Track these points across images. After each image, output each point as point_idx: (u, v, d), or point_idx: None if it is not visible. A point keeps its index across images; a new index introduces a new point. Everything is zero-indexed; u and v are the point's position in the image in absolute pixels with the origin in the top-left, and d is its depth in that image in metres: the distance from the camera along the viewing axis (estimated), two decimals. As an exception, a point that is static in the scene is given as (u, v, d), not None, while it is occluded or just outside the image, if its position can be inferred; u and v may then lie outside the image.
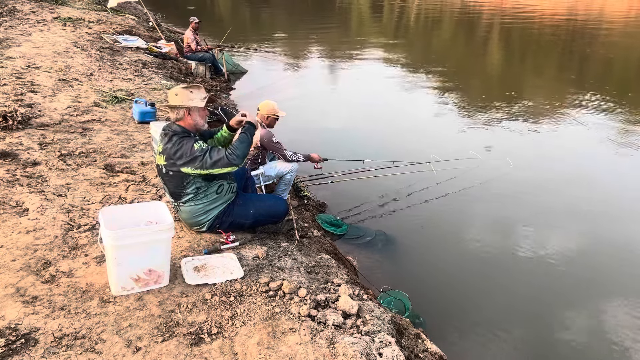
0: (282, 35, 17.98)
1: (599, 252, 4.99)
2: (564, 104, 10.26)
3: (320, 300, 2.78)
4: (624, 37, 20.34)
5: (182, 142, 3.12)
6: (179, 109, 3.19)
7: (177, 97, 3.18)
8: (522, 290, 4.38)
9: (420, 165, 6.20)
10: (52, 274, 2.80)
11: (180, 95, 3.18)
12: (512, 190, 6.16)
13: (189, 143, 3.11)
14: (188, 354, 2.31)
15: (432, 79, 12.35)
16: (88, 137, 5.07)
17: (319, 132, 7.99)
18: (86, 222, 3.40)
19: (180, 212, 3.35)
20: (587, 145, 7.90)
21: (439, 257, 4.84)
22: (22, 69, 7.04)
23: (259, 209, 3.55)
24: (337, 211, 5.47)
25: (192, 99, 3.19)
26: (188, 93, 3.19)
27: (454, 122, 8.77)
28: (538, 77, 13.22)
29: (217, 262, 3.06)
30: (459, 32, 22.06)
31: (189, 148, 3.09)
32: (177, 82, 8.14)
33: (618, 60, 15.07)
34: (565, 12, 28.22)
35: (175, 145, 3.11)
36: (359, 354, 2.36)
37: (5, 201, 3.56)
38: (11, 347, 2.23)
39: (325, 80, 11.93)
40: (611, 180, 6.64)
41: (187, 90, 3.20)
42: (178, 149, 3.10)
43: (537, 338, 3.85)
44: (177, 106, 3.18)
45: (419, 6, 31.44)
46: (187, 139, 3.15)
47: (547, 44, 18.03)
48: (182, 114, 3.20)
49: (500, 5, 30.68)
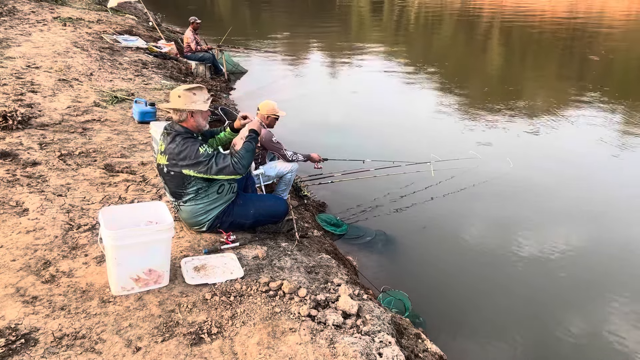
0: (282, 35, 17.97)
1: (599, 252, 4.99)
2: (564, 104, 10.26)
3: (320, 300, 2.78)
4: (624, 37, 20.35)
5: (186, 143, 3.11)
6: (183, 111, 3.18)
7: (180, 99, 3.16)
8: (522, 290, 4.38)
9: (420, 165, 6.20)
10: (52, 274, 2.80)
11: (183, 98, 3.16)
12: (512, 190, 6.16)
13: (193, 146, 3.11)
14: (188, 354, 2.31)
15: (432, 78, 12.35)
16: (88, 137, 5.07)
17: (318, 132, 7.98)
18: (86, 222, 3.40)
19: (180, 212, 3.35)
20: (587, 145, 7.90)
21: (439, 257, 4.84)
22: (22, 68, 7.04)
23: (259, 209, 3.55)
24: (337, 211, 5.47)
25: (195, 101, 3.18)
26: (191, 95, 3.17)
27: (454, 122, 8.77)
28: (538, 77, 13.22)
29: (217, 262, 3.06)
30: (459, 32, 22.06)
31: (194, 152, 3.09)
32: (177, 82, 8.14)
33: (618, 61, 15.07)
34: (566, 12, 28.22)
35: (179, 146, 3.11)
36: (359, 353, 2.36)
37: (5, 201, 3.56)
38: (11, 347, 2.23)
39: (325, 80, 11.93)
40: (611, 180, 6.64)
41: (190, 92, 3.18)
42: (182, 150, 3.10)
43: (537, 338, 3.85)
44: (181, 109, 3.17)
45: (418, 6, 31.44)
46: (191, 140, 3.15)
47: (547, 44, 18.03)
48: (185, 116, 3.19)
49: (501, 5, 30.68)
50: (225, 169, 3.12)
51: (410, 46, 17.89)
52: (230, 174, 3.14)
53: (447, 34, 21.65)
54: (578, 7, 30.78)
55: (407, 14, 28.37)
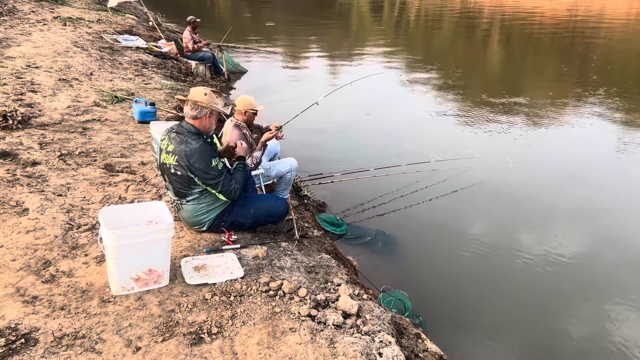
0: (282, 35, 17.96)
1: (599, 253, 4.99)
2: (564, 104, 10.26)
3: (320, 300, 2.78)
4: (624, 37, 20.34)
5: (201, 150, 3.14)
6: (204, 108, 3.22)
7: (206, 97, 3.24)
8: (523, 290, 4.38)
9: (420, 165, 6.20)
10: (52, 273, 2.80)
11: (208, 96, 3.25)
12: (512, 189, 6.16)
13: (207, 156, 3.15)
14: (188, 353, 2.31)
15: (432, 78, 12.34)
16: (88, 137, 5.06)
17: (318, 131, 7.98)
18: (86, 221, 3.40)
19: (181, 211, 3.35)
20: (587, 145, 7.90)
21: (439, 257, 4.84)
22: (22, 68, 7.03)
23: (259, 208, 3.56)
24: (337, 211, 5.47)
25: (218, 103, 3.29)
26: (215, 97, 3.29)
27: (453, 122, 8.77)
28: (538, 76, 13.22)
29: (217, 261, 3.06)
30: (459, 32, 22.05)
31: (207, 162, 3.14)
32: (177, 82, 8.14)
33: (618, 61, 15.06)
34: (566, 12, 28.21)
35: (192, 150, 3.13)
36: (359, 353, 2.36)
37: (5, 201, 3.56)
38: (11, 347, 2.23)
39: (324, 80, 11.92)
40: (612, 180, 6.63)
41: (215, 94, 3.30)
42: (193, 154, 3.12)
43: (537, 338, 3.85)
44: (204, 105, 3.22)
45: (418, 6, 31.43)
46: (206, 147, 3.19)
47: (547, 44, 18.02)
48: (203, 113, 3.24)
49: (501, 5, 30.67)
50: (228, 192, 3.25)
51: (411, 45, 17.87)
52: (228, 198, 3.29)
53: (447, 34, 21.64)
54: (578, 7, 30.77)
55: (407, 13, 28.36)
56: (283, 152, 5.31)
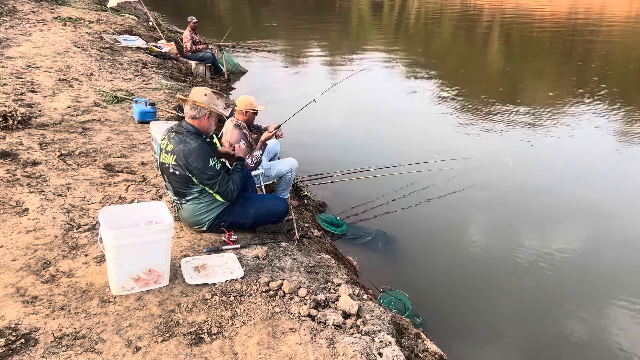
0: (282, 35, 17.96)
1: (600, 253, 4.99)
2: (564, 104, 10.25)
3: (320, 300, 2.78)
4: (624, 37, 20.34)
5: (199, 149, 3.15)
6: (203, 108, 3.23)
7: (206, 97, 3.24)
8: (523, 290, 4.38)
9: (420, 165, 6.20)
10: (52, 273, 2.80)
11: (209, 97, 3.26)
12: (512, 189, 6.16)
13: (205, 155, 3.16)
14: (188, 353, 2.31)
15: (432, 78, 12.34)
16: (88, 137, 5.07)
17: (318, 132, 7.98)
18: (86, 222, 3.40)
19: (181, 211, 3.36)
20: (587, 144, 7.90)
21: (439, 257, 4.84)
22: (22, 68, 7.03)
23: (259, 208, 3.56)
24: (337, 211, 5.47)
25: (217, 104, 3.30)
26: (215, 98, 3.30)
27: (454, 122, 8.77)
28: (538, 76, 13.21)
29: (217, 261, 3.06)
30: (459, 32, 22.04)
31: (205, 162, 3.15)
32: (177, 82, 8.14)
33: (618, 61, 15.06)
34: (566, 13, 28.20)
35: (190, 150, 3.13)
36: (359, 353, 2.36)
37: (5, 201, 3.56)
38: (11, 347, 2.23)
39: (324, 80, 11.91)
40: (612, 180, 6.64)
41: (216, 95, 3.31)
42: (191, 153, 3.13)
43: (537, 338, 3.85)
44: (203, 106, 3.22)
45: (418, 6, 31.43)
46: (204, 146, 3.20)
47: (547, 44, 18.02)
48: (203, 113, 3.25)
49: (501, 5, 30.67)
50: (225, 193, 3.25)
51: (410, 46, 17.87)
52: (224, 198, 3.29)
53: (447, 34, 21.64)
54: (578, 7, 30.77)
55: (407, 13, 28.36)
56: (283, 152, 5.31)
